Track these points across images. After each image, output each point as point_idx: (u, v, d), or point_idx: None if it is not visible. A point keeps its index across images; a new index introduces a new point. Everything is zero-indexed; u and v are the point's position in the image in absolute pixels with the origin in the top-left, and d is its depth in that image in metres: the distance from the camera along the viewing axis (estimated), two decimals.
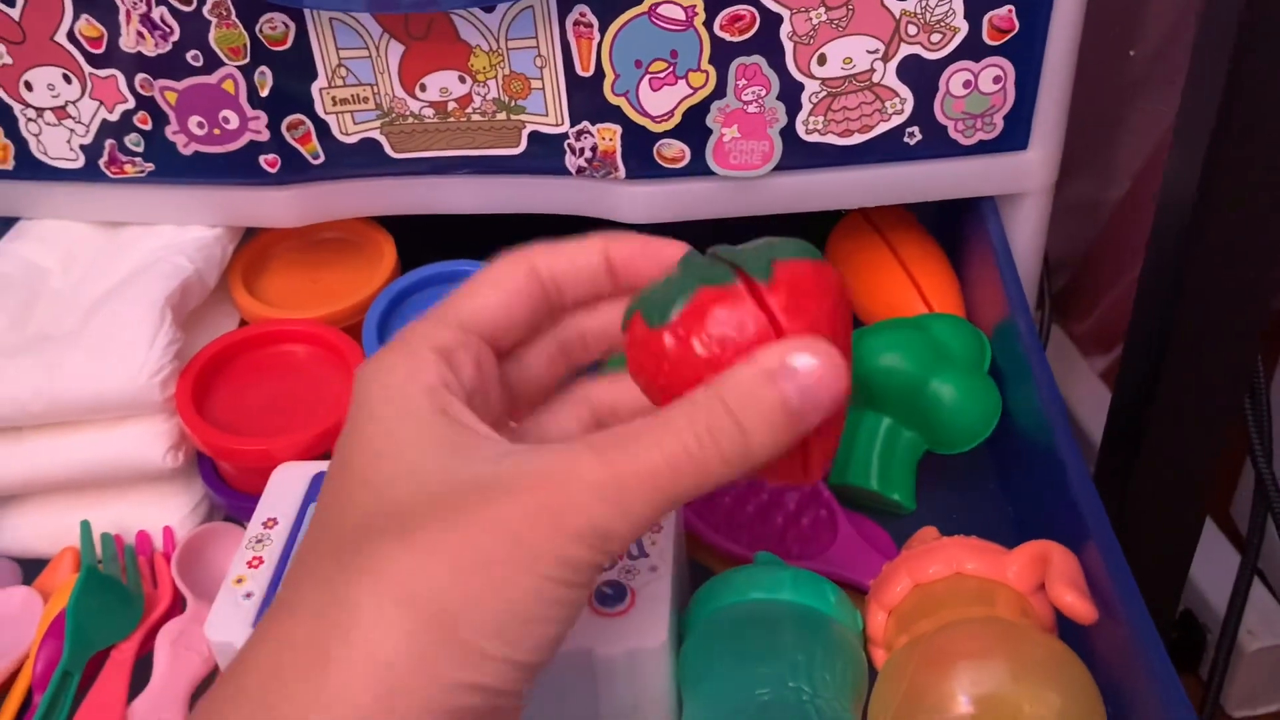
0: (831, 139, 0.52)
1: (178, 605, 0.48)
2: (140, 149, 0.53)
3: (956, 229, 0.59)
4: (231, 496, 0.50)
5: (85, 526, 0.49)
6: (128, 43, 0.50)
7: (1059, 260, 1.05)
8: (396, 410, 0.29)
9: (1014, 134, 0.52)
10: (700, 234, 0.55)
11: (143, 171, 0.54)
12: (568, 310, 0.34)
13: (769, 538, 0.48)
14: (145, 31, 0.50)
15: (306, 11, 0.48)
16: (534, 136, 0.52)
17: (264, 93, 0.51)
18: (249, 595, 0.41)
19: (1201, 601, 0.85)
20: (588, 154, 0.52)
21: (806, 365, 0.27)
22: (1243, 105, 0.50)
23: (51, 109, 0.53)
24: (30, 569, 0.50)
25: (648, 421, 0.27)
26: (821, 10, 0.48)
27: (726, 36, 0.48)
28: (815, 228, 0.64)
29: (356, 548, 0.27)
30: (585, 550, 0.26)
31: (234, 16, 0.49)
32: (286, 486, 0.45)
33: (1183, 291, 0.55)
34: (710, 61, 0.49)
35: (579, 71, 0.50)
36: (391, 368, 0.30)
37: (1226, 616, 0.76)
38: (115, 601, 0.47)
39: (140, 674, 0.45)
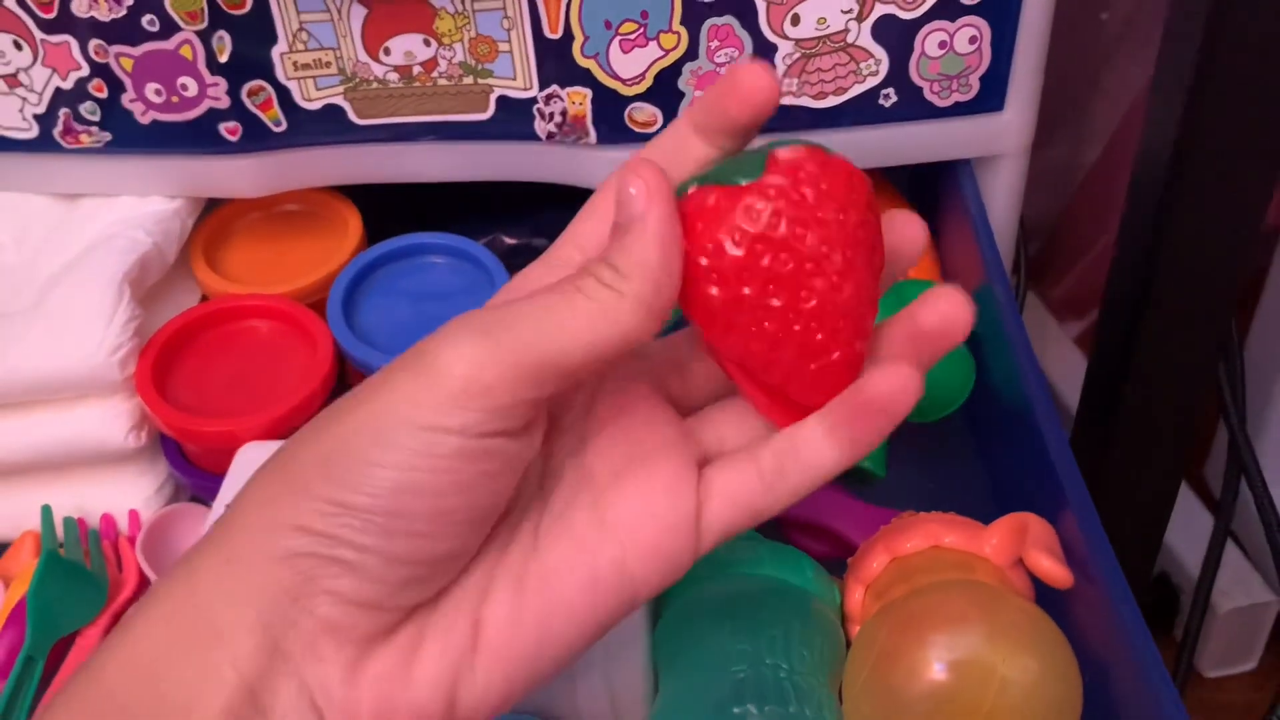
0: (806, 101, 0.50)
1: (144, 589, 0.47)
2: (96, 118, 0.52)
3: (933, 193, 0.58)
4: (197, 476, 0.49)
5: (46, 511, 0.48)
6: (80, 7, 0.48)
7: (1033, 225, 1.04)
8: None
9: (990, 95, 0.51)
10: None
11: (99, 141, 0.52)
12: None
13: None
14: None
15: None
16: (502, 101, 0.51)
17: (223, 58, 0.49)
18: None
19: (1175, 564, 0.85)
20: (557, 119, 0.51)
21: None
22: (1220, 60, 0.49)
23: (2, 77, 0.51)
24: None
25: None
26: None
27: None
28: None
29: None
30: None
31: None
32: (250, 468, 0.43)
33: (1159, 254, 0.55)
34: (682, 22, 0.48)
35: (547, 33, 0.48)
36: None
37: (1200, 578, 0.77)
38: (79, 586, 0.46)
39: None
